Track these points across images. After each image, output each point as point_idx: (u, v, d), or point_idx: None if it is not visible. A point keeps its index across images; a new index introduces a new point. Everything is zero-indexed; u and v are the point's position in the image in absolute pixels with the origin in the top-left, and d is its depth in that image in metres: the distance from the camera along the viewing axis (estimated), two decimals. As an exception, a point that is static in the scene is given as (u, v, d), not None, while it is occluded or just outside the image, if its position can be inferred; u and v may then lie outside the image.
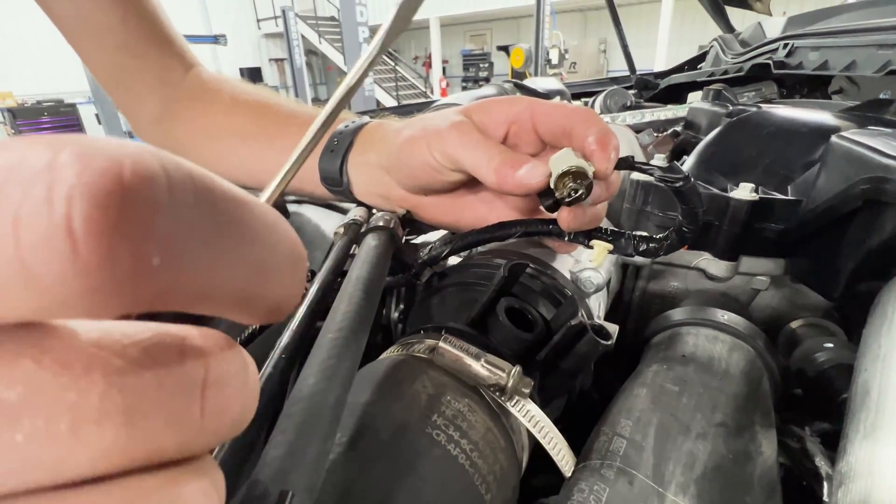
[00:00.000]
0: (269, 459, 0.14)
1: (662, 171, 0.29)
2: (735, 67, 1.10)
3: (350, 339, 0.19)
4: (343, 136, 0.38)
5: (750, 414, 0.31)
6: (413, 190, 0.36)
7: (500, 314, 0.29)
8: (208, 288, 0.09)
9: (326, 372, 0.17)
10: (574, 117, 0.30)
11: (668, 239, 0.32)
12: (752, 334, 0.37)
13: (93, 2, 0.44)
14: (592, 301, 0.38)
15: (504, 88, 1.36)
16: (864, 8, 0.97)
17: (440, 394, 0.24)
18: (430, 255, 0.34)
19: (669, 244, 0.32)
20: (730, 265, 0.44)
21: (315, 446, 0.14)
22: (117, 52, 0.46)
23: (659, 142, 0.82)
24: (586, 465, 0.26)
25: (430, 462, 0.21)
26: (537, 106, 0.32)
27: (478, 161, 0.30)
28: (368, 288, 0.22)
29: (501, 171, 0.29)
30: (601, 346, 0.28)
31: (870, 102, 0.63)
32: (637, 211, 0.51)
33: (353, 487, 0.19)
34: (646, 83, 1.39)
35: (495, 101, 0.33)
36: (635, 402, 0.30)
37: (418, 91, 11.60)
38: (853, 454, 0.24)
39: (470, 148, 0.30)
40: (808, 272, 0.42)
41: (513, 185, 0.29)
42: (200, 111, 0.48)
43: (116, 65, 0.48)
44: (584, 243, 0.34)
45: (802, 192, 0.44)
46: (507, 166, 0.29)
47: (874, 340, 0.29)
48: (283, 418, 0.15)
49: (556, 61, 8.10)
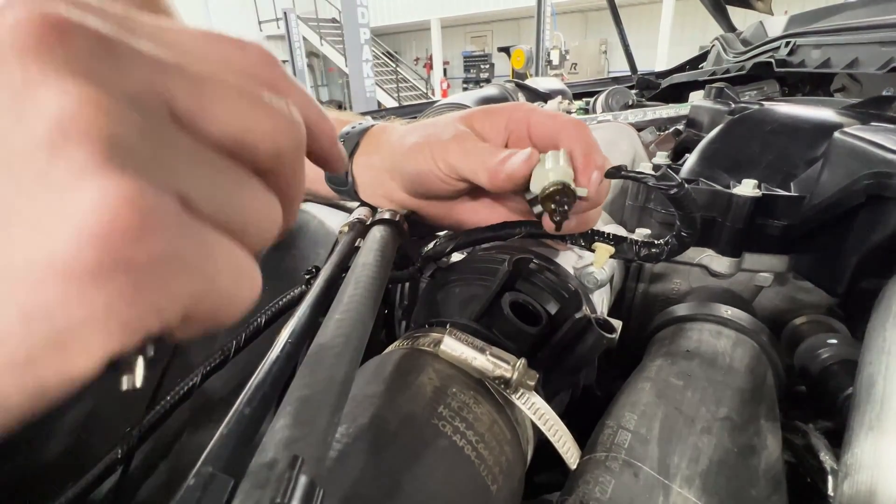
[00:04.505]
0: (279, 428, 0.14)
1: (656, 179, 0.29)
2: (737, 66, 1.10)
3: (356, 319, 0.19)
4: (349, 138, 0.39)
5: (754, 408, 0.31)
6: (416, 195, 0.36)
7: (504, 308, 0.29)
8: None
9: (335, 349, 0.17)
10: (563, 130, 0.31)
11: (668, 244, 0.33)
12: (756, 329, 0.37)
13: None
14: (596, 297, 0.38)
15: (505, 89, 1.36)
16: (866, 6, 0.97)
17: (446, 386, 0.24)
18: (434, 250, 0.35)
19: (670, 249, 0.33)
20: (733, 262, 0.44)
21: (324, 417, 0.15)
22: None
23: (661, 140, 0.82)
24: (591, 458, 0.26)
25: (436, 453, 0.21)
26: (533, 114, 0.33)
27: (476, 169, 0.31)
28: (375, 274, 0.23)
29: (494, 172, 0.30)
30: (605, 339, 0.28)
31: (872, 99, 0.63)
32: (639, 208, 0.51)
33: (360, 478, 0.19)
34: (647, 82, 1.39)
35: (497, 109, 0.34)
36: (640, 396, 0.30)
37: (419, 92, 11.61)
38: (859, 447, 0.24)
39: (469, 158, 0.31)
40: (811, 268, 0.42)
41: (504, 181, 0.30)
42: None
43: None
44: (585, 247, 0.34)
45: (805, 188, 0.44)
46: (498, 166, 0.30)
47: (879, 334, 0.29)
48: (292, 391, 0.15)
49: (557, 62, 8.11)
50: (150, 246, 0.11)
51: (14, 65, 0.11)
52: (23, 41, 0.11)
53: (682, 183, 0.29)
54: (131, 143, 0.11)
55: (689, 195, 0.29)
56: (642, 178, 0.29)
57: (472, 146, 0.31)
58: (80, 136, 0.11)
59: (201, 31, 0.15)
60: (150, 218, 0.11)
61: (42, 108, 0.11)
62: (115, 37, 0.12)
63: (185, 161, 0.13)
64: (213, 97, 0.14)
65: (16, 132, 0.11)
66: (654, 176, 0.29)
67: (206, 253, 0.13)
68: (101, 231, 0.11)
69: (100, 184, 0.11)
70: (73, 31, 0.12)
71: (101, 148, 0.11)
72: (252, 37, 0.20)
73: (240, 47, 0.16)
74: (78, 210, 0.11)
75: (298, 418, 0.14)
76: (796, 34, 0.98)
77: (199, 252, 0.13)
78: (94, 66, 0.12)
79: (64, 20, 0.12)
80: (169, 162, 0.12)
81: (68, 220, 0.11)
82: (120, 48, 0.12)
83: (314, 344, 0.17)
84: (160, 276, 0.12)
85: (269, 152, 0.15)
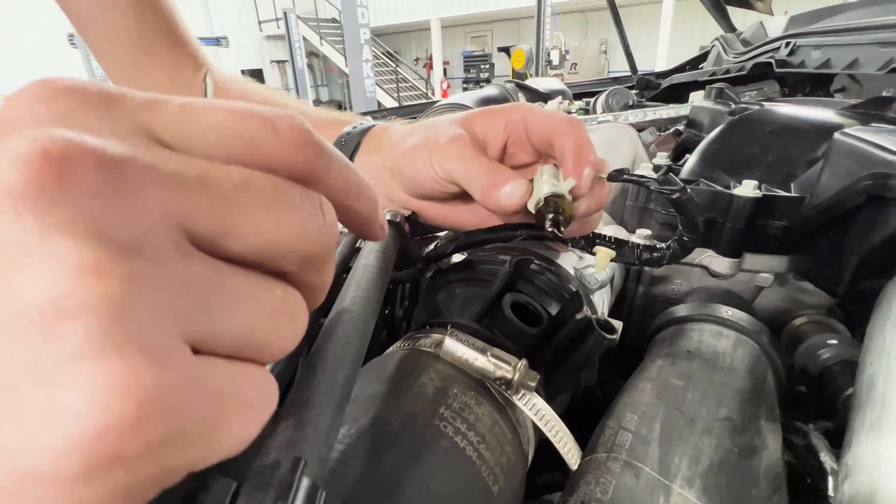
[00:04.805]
0: (281, 430, 0.14)
1: (659, 184, 0.29)
2: (737, 66, 1.10)
3: (358, 321, 0.19)
4: (350, 137, 0.39)
5: (755, 409, 0.31)
6: (416, 195, 0.36)
7: (505, 309, 0.29)
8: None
9: (337, 350, 0.17)
10: (556, 128, 0.31)
11: (670, 248, 0.32)
12: (756, 330, 0.37)
13: (111, 1, 0.45)
14: (596, 297, 0.38)
15: (505, 89, 1.36)
16: (866, 6, 0.97)
17: (447, 386, 0.24)
18: (435, 251, 0.35)
19: (672, 254, 0.32)
20: (733, 262, 0.45)
21: (326, 419, 0.15)
22: (132, 50, 0.47)
23: (661, 140, 0.82)
24: (592, 459, 0.26)
25: (437, 454, 0.21)
26: (531, 114, 0.33)
27: (470, 178, 0.31)
28: (376, 275, 0.23)
29: (486, 191, 0.30)
30: (606, 340, 0.28)
31: (872, 100, 0.63)
32: (640, 208, 0.51)
33: (362, 478, 0.19)
34: (647, 83, 1.39)
35: (496, 110, 0.34)
36: (640, 397, 0.30)
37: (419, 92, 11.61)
38: (859, 447, 0.24)
39: (464, 165, 0.31)
40: (811, 269, 0.42)
41: (494, 207, 0.30)
42: None
43: (130, 63, 0.49)
44: (587, 251, 0.34)
45: (805, 188, 0.44)
46: (490, 186, 0.30)
47: (879, 335, 0.29)
48: (294, 392, 0.15)
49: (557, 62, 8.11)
50: (149, 433, 0.10)
51: (10, 217, 0.10)
52: (22, 187, 0.10)
53: (684, 187, 0.28)
54: (137, 300, 0.10)
55: (691, 200, 0.29)
56: (645, 182, 0.29)
57: (469, 154, 0.31)
58: (78, 314, 0.10)
59: (231, 110, 0.14)
60: (150, 405, 0.10)
61: (38, 281, 0.10)
62: (127, 158, 0.11)
63: (201, 295, 0.12)
64: (238, 216, 0.13)
65: (8, 305, 0.10)
66: (657, 180, 0.29)
67: (216, 411, 0.12)
68: (94, 432, 0.10)
69: (95, 373, 0.10)
70: (78, 167, 0.10)
71: (99, 326, 0.10)
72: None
73: (272, 127, 0.14)
74: (69, 408, 0.10)
75: (300, 420, 0.14)
76: (796, 34, 0.98)
77: (206, 414, 0.12)
78: (100, 211, 0.11)
79: (68, 155, 0.10)
80: (182, 303, 0.11)
81: (58, 421, 0.10)
82: (132, 173, 0.11)
83: (316, 345, 0.17)
84: (159, 459, 0.11)
85: (296, 260, 0.14)
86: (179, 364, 0.11)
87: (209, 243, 0.12)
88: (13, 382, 0.10)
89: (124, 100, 0.13)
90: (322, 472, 0.14)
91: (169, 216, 0.12)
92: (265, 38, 13.15)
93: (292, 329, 0.14)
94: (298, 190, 0.14)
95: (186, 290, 0.11)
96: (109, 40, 0.47)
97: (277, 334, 0.14)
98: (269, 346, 0.14)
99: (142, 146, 0.12)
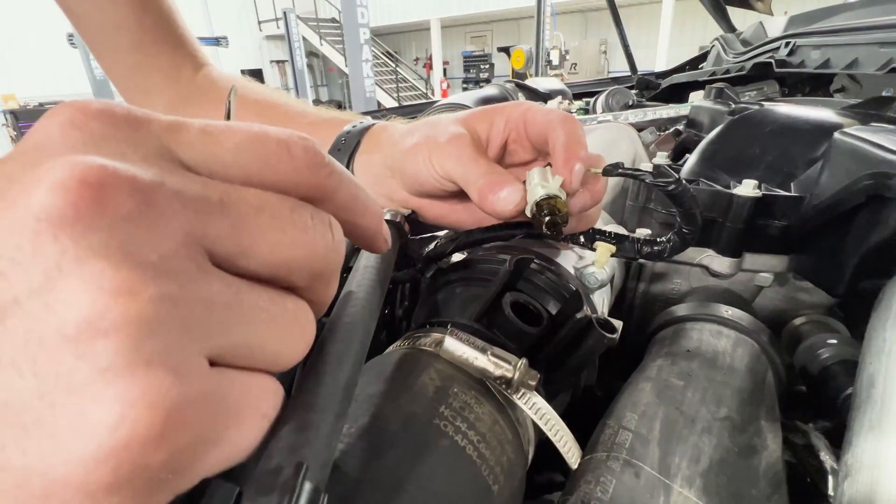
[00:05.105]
0: (283, 434, 0.14)
1: (653, 176, 0.29)
2: (737, 66, 1.10)
3: (359, 322, 0.19)
4: (350, 136, 0.39)
5: (755, 408, 0.31)
6: (416, 193, 0.36)
7: (505, 308, 0.29)
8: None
9: (338, 354, 0.17)
10: (549, 124, 0.31)
11: (670, 241, 0.33)
12: (756, 329, 0.37)
13: (111, 1, 0.45)
14: (596, 297, 0.38)
15: (505, 88, 1.36)
16: (866, 6, 0.97)
17: (447, 386, 0.24)
18: (435, 251, 0.35)
19: (672, 247, 0.32)
20: (733, 262, 0.45)
21: (328, 422, 0.15)
22: (131, 51, 0.47)
23: (661, 140, 0.82)
24: (592, 458, 0.26)
25: (437, 453, 0.21)
26: (529, 112, 0.33)
27: (468, 179, 0.31)
28: (377, 275, 0.23)
29: (483, 194, 0.30)
30: (606, 339, 0.28)
31: (872, 100, 0.63)
32: (640, 208, 0.51)
33: (362, 478, 0.19)
34: (647, 83, 1.39)
35: (497, 108, 0.34)
36: (640, 396, 0.30)
37: (419, 92, 11.61)
38: (859, 446, 0.24)
39: (462, 165, 0.31)
40: (811, 269, 0.42)
41: (490, 210, 0.30)
42: (209, 109, 0.49)
43: (130, 63, 0.49)
44: (587, 247, 0.34)
45: (805, 188, 0.44)
46: (487, 189, 0.30)
47: (879, 335, 0.29)
48: (295, 396, 0.15)
49: (557, 62, 8.12)
50: (172, 444, 0.11)
51: (49, 240, 0.10)
52: (60, 212, 0.10)
53: (679, 179, 0.29)
54: (164, 319, 0.11)
55: (687, 191, 0.29)
56: (639, 174, 0.29)
57: (469, 154, 0.31)
58: (111, 332, 0.10)
59: (248, 133, 0.15)
60: (174, 418, 0.11)
61: (75, 301, 0.10)
62: (157, 183, 0.12)
63: (221, 311, 0.12)
64: (256, 236, 0.13)
65: (45, 323, 0.10)
66: (651, 173, 0.29)
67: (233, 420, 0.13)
68: (123, 444, 0.10)
69: (125, 388, 0.10)
70: (113, 193, 0.11)
71: (130, 344, 0.10)
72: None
73: (286, 150, 0.15)
74: (100, 421, 0.10)
75: (302, 424, 0.14)
76: (796, 35, 0.98)
77: (224, 423, 0.12)
78: (131, 234, 0.11)
79: (104, 181, 0.11)
80: (203, 320, 0.12)
81: (89, 432, 0.10)
82: (160, 198, 0.12)
83: (316, 347, 0.17)
84: (179, 467, 0.11)
85: (306, 276, 0.15)
86: (200, 378, 0.12)
87: (227, 262, 0.13)
88: (48, 395, 0.10)
89: (150, 123, 0.14)
90: (324, 477, 0.14)
91: (192, 237, 0.12)
92: (265, 38, 13.15)
93: (302, 340, 0.15)
94: (310, 210, 0.15)
95: (207, 307, 0.12)
96: (109, 40, 0.47)
97: (289, 345, 0.15)
98: (280, 356, 0.14)
99: (167, 170, 0.13)
